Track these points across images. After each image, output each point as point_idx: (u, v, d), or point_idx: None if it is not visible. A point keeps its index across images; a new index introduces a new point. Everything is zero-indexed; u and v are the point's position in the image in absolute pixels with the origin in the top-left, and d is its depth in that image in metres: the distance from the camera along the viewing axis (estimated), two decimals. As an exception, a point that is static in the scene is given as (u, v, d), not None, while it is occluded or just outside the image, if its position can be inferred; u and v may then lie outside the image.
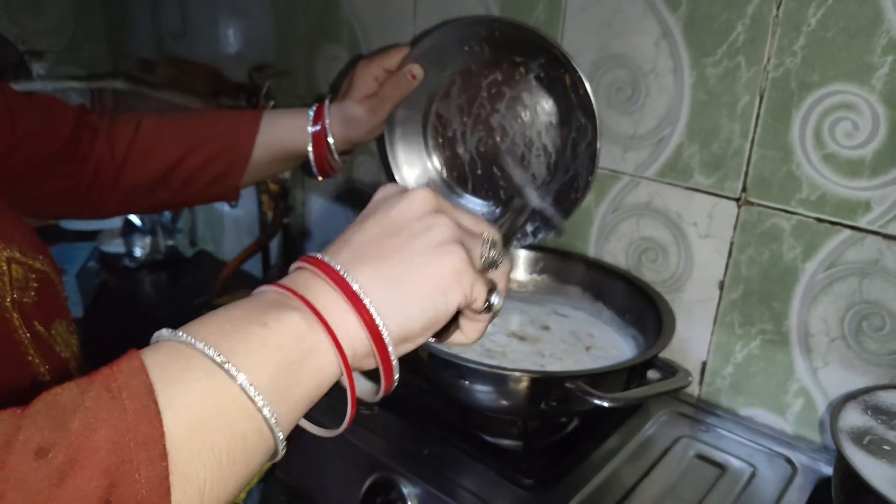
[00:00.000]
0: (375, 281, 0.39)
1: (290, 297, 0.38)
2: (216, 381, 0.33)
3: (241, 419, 0.34)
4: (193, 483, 0.31)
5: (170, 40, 1.58)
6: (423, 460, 0.75)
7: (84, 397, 0.31)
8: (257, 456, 0.35)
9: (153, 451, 0.30)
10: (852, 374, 0.78)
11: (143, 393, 0.31)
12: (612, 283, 0.91)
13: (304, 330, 0.37)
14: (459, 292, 0.40)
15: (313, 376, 0.37)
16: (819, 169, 0.76)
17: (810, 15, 0.73)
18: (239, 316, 0.36)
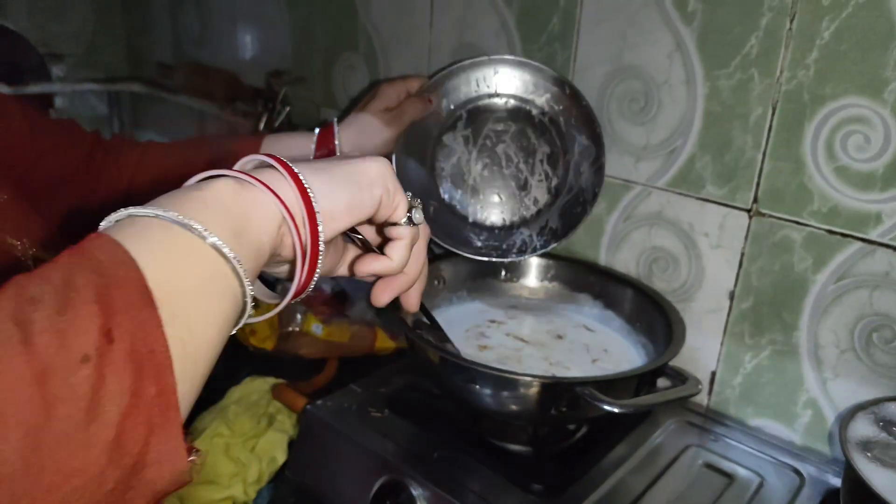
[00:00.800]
0: (309, 167, 0.45)
1: (218, 175, 0.42)
2: (174, 233, 0.37)
3: (206, 263, 0.37)
4: (181, 320, 0.35)
5: (188, 45, 1.60)
6: (432, 464, 0.76)
7: (56, 263, 0.34)
8: (227, 296, 0.38)
9: (142, 297, 0.33)
10: (862, 386, 0.79)
11: (116, 250, 0.35)
12: (622, 292, 0.91)
13: (235, 188, 0.41)
14: (381, 187, 0.47)
15: (261, 222, 0.41)
16: (831, 181, 0.76)
17: (824, 28, 0.73)
18: (180, 191, 0.40)
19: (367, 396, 0.87)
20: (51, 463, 0.30)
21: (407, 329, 0.73)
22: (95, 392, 0.31)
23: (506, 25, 0.99)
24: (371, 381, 0.91)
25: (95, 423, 0.31)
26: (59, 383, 0.30)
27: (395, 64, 1.17)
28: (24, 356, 0.30)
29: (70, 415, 0.30)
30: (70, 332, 0.31)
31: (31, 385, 0.29)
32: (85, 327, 0.31)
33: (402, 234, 0.50)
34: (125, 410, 0.31)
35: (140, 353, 0.32)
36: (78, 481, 0.31)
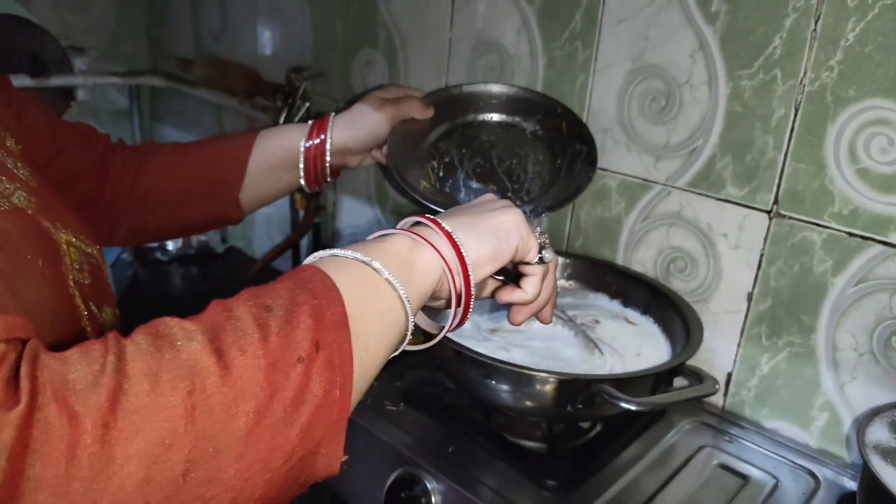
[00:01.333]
0: (459, 225, 0.55)
1: (395, 233, 0.53)
2: (365, 273, 0.47)
3: (385, 298, 0.48)
4: (363, 341, 0.44)
5: (209, 40, 1.62)
6: (447, 457, 0.76)
7: (283, 284, 0.44)
8: (396, 327, 0.48)
9: (340, 320, 0.43)
10: (879, 390, 0.78)
11: (325, 279, 0.45)
12: (640, 291, 0.91)
13: (410, 244, 0.52)
14: (517, 236, 0.56)
15: (426, 270, 0.51)
16: (852, 183, 0.76)
17: (848, 30, 0.73)
18: (365, 243, 0.51)
19: (383, 390, 0.87)
20: (266, 436, 0.38)
21: None
22: (303, 386, 0.40)
23: (527, 23, 1.00)
24: (386, 374, 0.91)
25: (297, 411, 0.40)
26: (282, 375, 0.39)
27: (414, 60, 1.17)
28: (262, 350, 0.39)
29: (283, 400, 0.39)
30: (293, 338, 0.40)
31: (265, 373, 0.39)
32: (303, 336, 0.41)
33: (535, 272, 0.60)
34: (319, 404, 0.40)
35: (335, 363, 0.42)
36: (278, 454, 0.39)
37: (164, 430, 0.35)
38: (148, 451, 0.35)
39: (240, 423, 0.37)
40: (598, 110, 0.95)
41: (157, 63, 1.81)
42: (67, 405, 0.34)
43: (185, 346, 0.38)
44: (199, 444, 0.36)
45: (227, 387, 0.37)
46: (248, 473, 0.38)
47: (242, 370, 0.38)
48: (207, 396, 0.37)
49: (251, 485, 0.38)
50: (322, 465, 0.42)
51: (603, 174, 0.97)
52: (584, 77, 0.96)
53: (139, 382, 0.36)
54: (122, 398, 0.35)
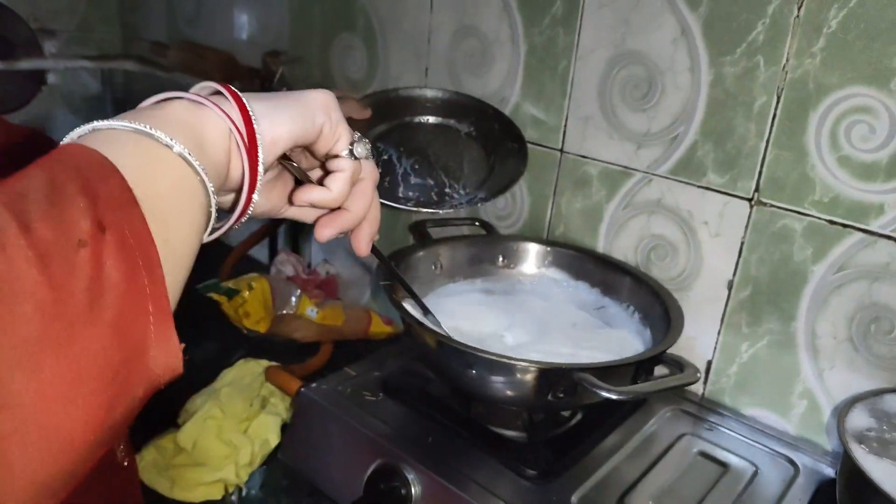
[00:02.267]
0: (255, 96, 0.46)
1: (174, 96, 0.44)
2: (143, 143, 0.39)
3: (174, 169, 0.39)
4: (160, 219, 0.36)
5: (183, 24, 1.58)
6: (427, 448, 0.75)
7: (34, 167, 0.35)
8: (196, 201, 0.40)
9: (122, 195, 0.35)
10: (858, 377, 0.78)
11: (93, 155, 0.36)
12: (620, 280, 0.91)
13: (192, 108, 0.43)
14: (324, 115, 0.49)
15: (214, 137, 0.43)
16: (833, 171, 0.76)
17: (831, 17, 0.73)
18: (135, 111, 0.42)
19: (362, 380, 0.86)
20: (64, 336, 0.31)
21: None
22: (96, 274, 0.32)
23: (508, 8, 0.98)
24: (365, 364, 0.90)
25: (98, 303, 0.32)
26: (62, 264, 0.31)
27: (393, 45, 1.15)
28: (25, 240, 0.31)
29: (73, 293, 0.31)
30: (64, 220, 0.32)
31: (36, 266, 0.31)
32: (77, 217, 0.33)
33: (343, 167, 0.51)
34: (123, 294, 0.33)
35: (130, 244, 0.34)
36: (88, 360, 0.32)
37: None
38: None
39: (20, 330, 0.30)
40: (580, 97, 0.94)
41: (130, 47, 1.77)
42: None
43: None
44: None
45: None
46: (53, 390, 0.30)
47: (5, 269, 0.30)
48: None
49: (65, 404, 0.31)
50: (159, 366, 0.35)
51: (584, 162, 0.96)
52: (566, 63, 0.95)
53: None
54: None
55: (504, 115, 1.00)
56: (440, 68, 1.09)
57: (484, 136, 0.99)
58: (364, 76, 1.21)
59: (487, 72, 1.03)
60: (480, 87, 1.05)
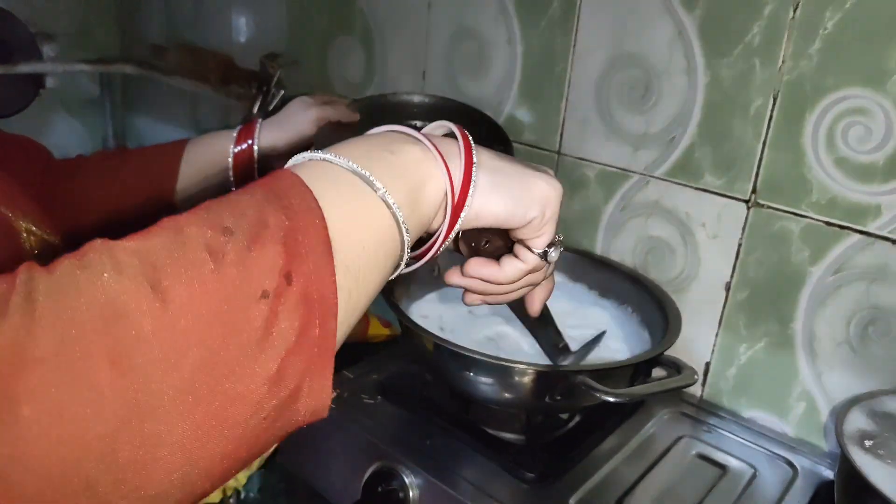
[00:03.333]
0: (487, 161, 0.47)
1: (419, 139, 0.45)
2: (362, 190, 0.40)
3: (382, 223, 0.40)
4: (352, 271, 0.37)
5: (182, 27, 1.58)
6: (425, 450, 0.75)
7: (251, 195, 0.36)
8: (391, 257, 0.41)
9: (318, 237, 0.36)
10: (856, 379, 0.78)
11: (303, 192, 0.37)
12: (618, 281, 0.91)
13: (421, 157, 0.44)
14: (538, 211, 0.48)
15: (431, 196, 0.44)
16: (830, 173, 0.76)
17: (827, 18, 0.73)
18: (369, 145, 0.43)
19: (360, 383, 0.86)
20: (219, 387, 0.32)
21: None
22: (268, 328, 0.33)
23: (505, 10, 0.98)
24: (364, 367, 0.90)
25: (263, 356, 0.33)
26: (239, 315, 0.32)
27: (391, 48, 1.15)
28: (212, 286, 0.32)
29: (242, 345, 0.32)
30: (256, 268, 0.33)
31: (215, 313, 0.31)
32: (269, 266, 0.33)
33: (527, 260, 0.51)
34: (291, 348, 0.34)
35: (312, 297, 0.35)
36: (239, 408, 0.32)
37: (81, 382, 0.28)
38: (62, 408, 0.28)
39: (183, 373, 0.31)
40: (577, 99, 0.94)
41: (129, 50, 1.78)
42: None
43: (114, 281, 0.30)
44: (127, 400, 0.29)
45: (164, 331, 0.30)
46: (201, 432, 0.32)
47: (186, 310, 0.31)
48: (139, 342, 0.30)
49: (209, 445, 0.32)
50: (305, 410, 0.36)
51: (581, 164, 0.96)
52: (563, 65, 0.95)
53: (49, 326, 0.29)
54: (27, 345, 0.28)
55: (490, 118, 1.00)
56: (438, 71, 1.09)
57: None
58: (362, 79, 1.21)
59: (485, 74, 1.04)
60: (478, 89, 1.05)
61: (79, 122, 1.78)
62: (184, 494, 0.32)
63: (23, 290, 0.29)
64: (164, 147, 0.89)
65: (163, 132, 1.73)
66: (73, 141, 1.77)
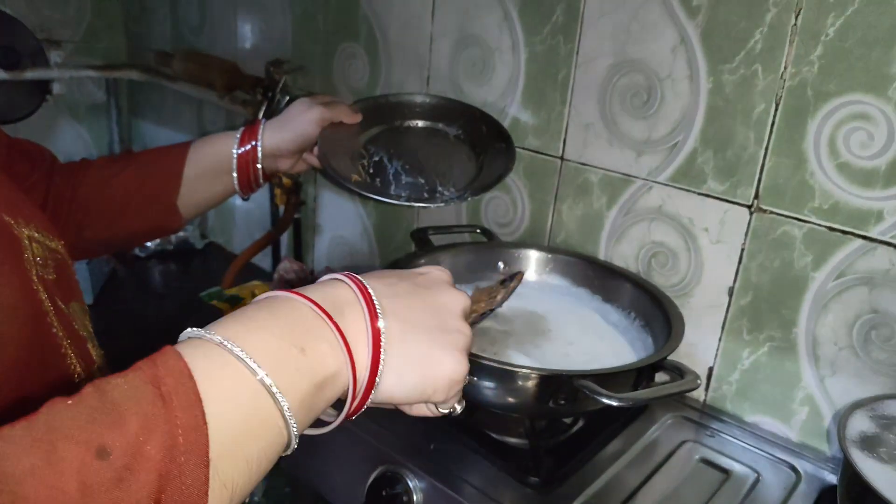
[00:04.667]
0: (400, 346, 0.44)
1: (326, 323, 0.42)
2: (259, 399, 0.37)
3: (273, 436, 0.38)
4: (229, 487, 0.35)
5: (188, 33, 1.59)
6: (429, 455, 0.76)
7: (138, 398, 0.33)
8: (272, 460, 0.39)
9: (199, 459, 0.33)
10: (859, 384, 0.79)
11: (192, 403, 0.34)
12: (621, 286, 0.91)
13: (328, 354, 0.41)
14: (443, 396, 0.47)
15: (329, 397, 0.42)
16: (833, 178, 0.76)
17: (829, 25, 0.73)
18: (280, 332, 0.40)
19: (364, 387, 0.87)
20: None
21: None
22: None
23: (508, 16, 0.99)
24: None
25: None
26: None
27: (396, 54, 1.16)
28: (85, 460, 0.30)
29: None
30: (124, 501, 0.31)
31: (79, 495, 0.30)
32: (138, 497, 0.31)
33: (435, 415, 0.50)
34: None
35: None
36: None
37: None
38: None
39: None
40: (580, 105, 0.95)
41: (135, 57, 1.79)
42: None
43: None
44: None
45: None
46: None
47: (51, 481, 0.29)
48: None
49: None
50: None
51: (585, 169, 0.97)
52: (566, 71, 0.95)
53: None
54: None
55: (491, 117, 1.01)
56: (442, 77, 1.10)
57: (472, 138, 1.00)
58: (366, 85, 1.22)
59: (488, 80, 1.04)
60: (481, 95, 1.05)
61: (85, 127, 1.79)
62: None
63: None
64: (168, 149, 0.90)
65: (168, 138, 1.74)
66: (79, 146, 1.78)
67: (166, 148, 0.90)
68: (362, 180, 0.91)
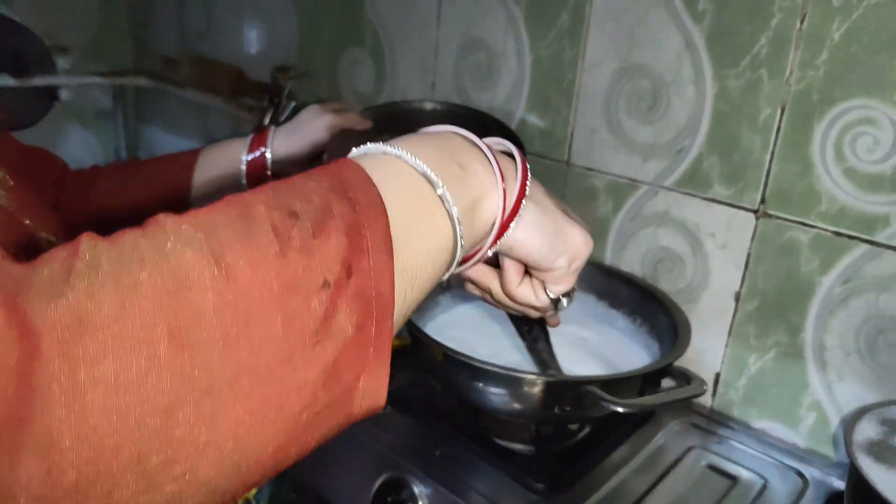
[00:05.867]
0: (537, 199, 0.48)
1: (481, 149, 0.45)
2: (428, 198, 0.40)
3: (443, 239, 0.40)
4: (409, 274, 0.38)
5: (193, 39, 1.60)
6: (434, 461, 0.76)
7: (318, 181, 0.36)
8: (442, 267, 0.42)
9: (382, 234, 0.35)
10: (867, 389, 0.78)
11: (369, 186, 0.37)
12: (627, 292, 0.91)
13: (483, 176, 0.44)
14: (566, 261, 0.50)
15: (481, 220, 0.44)
16: (839, 183, 0.76)
17: (834, 29, 0.73)
18: (441, 151, 0.43)
19: (370, 393, 0.87)
20: (275, 373, 0.31)
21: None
22: (327, 317, 0.32)
23: (514, 21, 0.99)
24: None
25: (320, 346, 0.32)
26: (300, 301, 0.32)
27: (401, 59, 1.16)
28: (276, 269, 0.31)
29: (301, 332, 0.32)
30: (319, 256, 0.33)
31: (277, 297, 0.31)
32: (332, 255, 0.33)
33: (540, 298, 0.53)
34: (347, 341, 0.33)
35: (370, 294, 0.34)
36: (293, 398, 0.32)
37: (140, 352, 0.28)
38: (119, 377, 0.27)
39: (241, 353, 0.30)
40: (585, 110, 0.95)
41: (141, 63, 1.80)
42: (19, 313, 0.27)
43: (178, 252, 0.30)
44: (185, 374, 0.29)
45: (226, 308, 0.30)
46: (253, 419, 0.31)
47: (249, 289, 0.30)
48: (199, 317, 0.29)
49: (259, 434, 0.31)
50: (361, 410, 0.36)
51: (590, 174, 0.97)
52: (572, 76, 0.95)
53: (111, 293, 0.28)
54: (89, 311, 0.28)
55: (504, 124, 1.00)
56: (447, 82, 1.10)
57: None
58: (372, 90, 1.22)
59: (494, 85, 1.04)
60: (487, 100, 1.06)
61: (92, 133, 1.80)
62: (231, 485, 0.31)
63: (86, 257, 0.29)
64: (178, 156, 0.90)
65: (175, 143, 1.74)
66: (86, 152, 1.79)
67: (175, 155, 0.91)
68: None
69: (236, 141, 0.90)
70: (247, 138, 0.90)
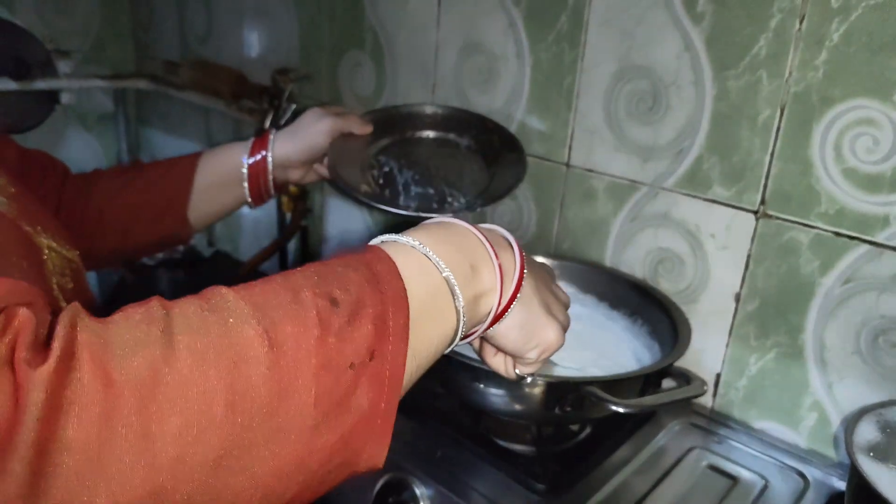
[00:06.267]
0: (525, 297, 0.52)
1: (490, 253, 0.50)
2: (445, 297, 0.46)
3: (448, 323, 0.46)
4: (417, 359, 0.43)
5: (195, 42, 1.60)
6: (436, 462, 0.76)
7: (356, 269, 0.42)
8: (442, 349, 0.48)
9: (402, 324, 0.42)
10: (867, 390, 0.78)
11: (396, 278, 0.43)
12: (628, 293, 0.91)
13: (489, 282, 0.50)
14: (536, 355, 0.55)
15: (479, 312, 0.50)
16: (838, 183, 0.76)
17: (833, 30, 0.73)
18: (457, 249, 0.48)
19: (371, 394, 0.87)
20: (305, 437, 0.37)
21: None
22: (348, 394, 0.39)
23: (513, 24, 0.99)
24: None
25: (341, 417, 0.38)
26: (331, 379, 0.38)
27: (401, 62, 1.17)
28: (315, 350, 0.37)
29: (328, 404, 0.38)
30: (351, 342, 0.39)
31: (314, 374, 0.37)
32: (361, 342, 0.39)
33: (509, 374, 0.58)
34: (363, 415, 0.39)
35: (385, 375, 0.40)
36: (316, 457, 0.38)
37: (202, 411, 0.34)
38: (184, 431, 0.33)
39: (279, 420, 0.36)
40: (585, 111, 0.95)
41: (142, 66, 1.80)
42: (105, 370, 0.32)
43: (238, 327, 0.36)
44: (235, 433, 0.35)
45: (273, 381, 0.36)
46: (282, 472, 0.37)
47: (292, 366, 0.37)
48: (251, 387, 0.35)
49: (284, 484, 0.37)
50: (363, 466, 0.42)
51: (590, 175, 0.97)
52: (571, 78, 0.95)
53: (183, 358, 0.34)
54: (164, 372, 0.33)
55: (504, 128, 1.01)
56: (447, 84, 1.10)
57: (484, 149, 1.00)
58: (372, 93, 1.23)
59: (494, 87, 1.05)
60: (487, 102, 1.06)
61: (93, 136, 1.81)
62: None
63: (161, 324, 0.35)
64: (179, 160, 0.90)
65: (176, 146, 1.75)
66: (87, 155, 1.79)
67: (176, 159, 0.91)
68: (371, 191, 0.92)
69: (237, 144, 0.90)
70: (247, 142, 0.90)
